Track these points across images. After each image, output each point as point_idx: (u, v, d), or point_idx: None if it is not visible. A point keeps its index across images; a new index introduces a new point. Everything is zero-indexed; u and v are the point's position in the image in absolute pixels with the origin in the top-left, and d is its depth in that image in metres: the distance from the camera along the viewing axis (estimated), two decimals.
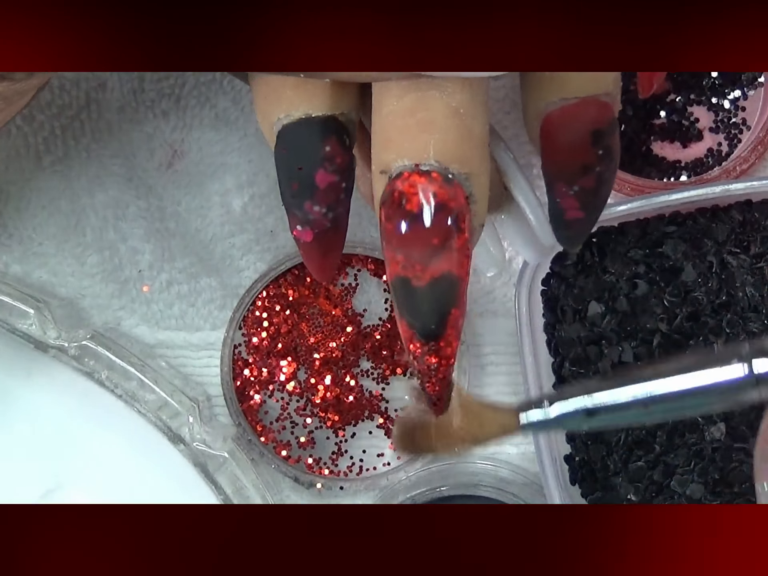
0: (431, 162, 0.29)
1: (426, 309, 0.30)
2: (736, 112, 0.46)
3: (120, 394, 0.43)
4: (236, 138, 0.46)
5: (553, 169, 0.33)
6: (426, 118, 0.29)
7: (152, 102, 0.45)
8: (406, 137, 0.30)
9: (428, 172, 0.29)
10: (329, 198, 0.33)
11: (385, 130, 0.30)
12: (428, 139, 0.29)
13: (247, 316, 0.46)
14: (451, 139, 0.30)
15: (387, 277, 0.31)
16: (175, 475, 0.43)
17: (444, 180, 0.29)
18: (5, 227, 0.46)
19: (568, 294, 0.43)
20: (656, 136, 0.46)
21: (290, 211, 0.33)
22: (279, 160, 0.33)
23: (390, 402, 0.46)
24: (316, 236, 0.33)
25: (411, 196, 0.29)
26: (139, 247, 0.45)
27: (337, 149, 0.32)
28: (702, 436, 0.42)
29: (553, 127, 0.32)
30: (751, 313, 0.42)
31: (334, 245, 0.35)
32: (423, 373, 0.32)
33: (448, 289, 0.30)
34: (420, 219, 0.29)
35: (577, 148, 0.32)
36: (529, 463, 0.46)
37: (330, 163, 0.32)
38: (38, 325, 0.42)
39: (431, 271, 0.30)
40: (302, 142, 0.32)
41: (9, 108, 0.34)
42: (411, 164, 0.29)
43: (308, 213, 0.33)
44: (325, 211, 0.33)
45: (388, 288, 0.45)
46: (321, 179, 0.32)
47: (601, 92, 0.32)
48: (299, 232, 0.34)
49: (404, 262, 0.30)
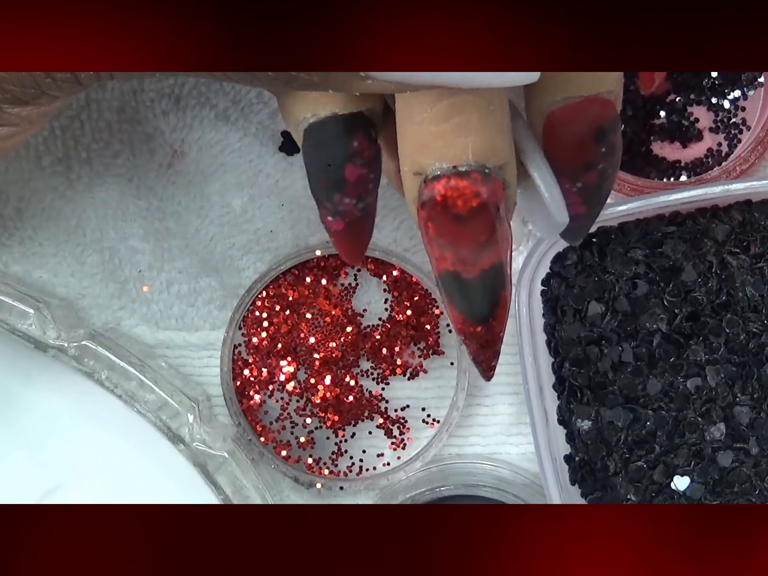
0: (470, 162, 0.30)
1: (478, 298, 0.31)
2: (736, 112, 0.46)
3: (120, 394, 0.43)
4: (236, 138, 0.46)
5: (557, 165, 0.33)
6: (462, 122, 0.29)
7: (152, 102, 0.45)
8: (443, 142, 0.30)
9: (467, 173, 0.29)
10: (359, 190, 0.33)
11: (419, 135, 0.30)
12: (466, 142, 0.30)
13: (246, 316, 0.46)
14: (487, 137, 0.30)
15: (433, 270, 0.31)
16: (175, 475, 0.43)
17: (483, 177, 0.30)
18: (5, 227, 0.46)
19: (568, 294, 0.43)
20: (656, 136, 0.46)
21: (321, 203, 0.34)
22: (307, 157, 0.33)
23: (389, 402, 0.46)
24: (347, 225, 0.34)
25: (455, 199, 0.29)
26: (139, 247, 0.45)
27: (364, 143, 0.32)
28: (702, 436, 0.42)
29: (556, 125, 0.32)
30: (751, 313, 0.42)
31: (365, 230, 0.35)
32: (475, 350, 0.33)
33: (496, 276, 0.31)
34: (466, 220, 0.30)
35: (581, 145, 0.32)
36: (529, 463, 0.46)
37: (358, 157, 0.32)
38: (38, 325, 0.42)
39: (481, 264, 0.30)
40: (330, 138, 0.32)
41: (32, 128, 0.35)
42: (449, 167, 0.30)
43: (338, 205, 0.33)
44: (356, 202, 0.33)
45: (387, 288, 0.46)
46: (350, 173, 0.33)
47: (604, 90, 0.32)
48: (330, 222, 0.34)
49: (453, 259, 0.30)
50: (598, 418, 0.43)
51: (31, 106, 0.32)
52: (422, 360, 0.46)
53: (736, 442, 0.42)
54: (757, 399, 0.42)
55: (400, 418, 0.46)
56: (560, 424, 0.43)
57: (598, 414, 0.43)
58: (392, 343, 0.45)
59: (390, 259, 0.45)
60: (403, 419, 0.46)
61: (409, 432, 0.46)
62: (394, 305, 0.46)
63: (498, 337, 0.32)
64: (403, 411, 0.46)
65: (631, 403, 0.42)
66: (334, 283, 0.46)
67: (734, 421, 0.42)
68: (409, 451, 0.46)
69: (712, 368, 0.42)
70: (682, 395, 0.42)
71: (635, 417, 0.42)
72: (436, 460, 0.46)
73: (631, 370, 0.42)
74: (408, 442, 0.46)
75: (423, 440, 0.46)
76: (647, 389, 0.42)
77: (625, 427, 0.42)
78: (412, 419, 0.46)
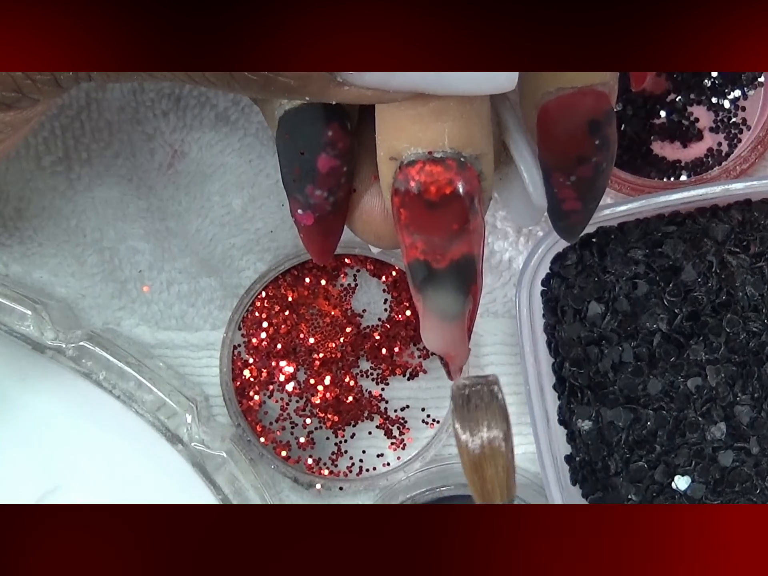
0: (445, 149, 0.29)
1: (447, 289, 0.31)
2: (736, 112, 0.46)
3: (118, 395, 0.43)
4: (236, 138, 0.46)
5: (550, 159, 0.33)
6: (439, 106, 0.29)
7: (152, 102, 0.45)
8: (420, 126, 0.29)
9: (443, 159, 0.29)
10: (331, 182, 0.33)
11: (396, 118, 0.30)
12: (442, 127, 0.29)
13: (246, 316, 0.46)
14: (464, 124, 0.30)
15: (403, 259, 0.31)
16: (174, 475, 0.43)
17: (458, 165, 0.29)
18: (5, 227, 0.46)
19: (568, 294, 0.43)
20: (656, 136, 0.46)
21: (291, 195, 0.34)
22: (281, 145, 0.33)
23: (389, 402, 0.46)
24: (317, 220, 0.34)
25: (428, 185, 0.29)
26: (139, 247, 0.45)
27: (339, 134, 0.32)
28: (702, 436, 0.42)
29: (549, 117, 0.32)
30: (751, 312, 0.42)
31: (335, 228, 0.35)
32: (440, 347, 0.32)
33: (467, 267, 0.31)
34: (439, 207, 0.29)
35: (574, 138, 0.32)
36: (530, 463, 0.46)
37: (332, 147, 0.32)
38: (35, 327, 0.42)
39: (451, 254, 0.30)
40: (304, 127, 0.32)
41: (15, 134, 0.35)
42: (424, 152, 0.29)
43: (309, 197, 0.33)
44: (327, 195, 0.33)
45: (387, 289, 0.46)
46: (323, 164, 0.32)
47: (597, 82, 0.32)
48: (300, 215, 0.34)
49: (424, 247, 0.30)
50: (599, 418, 0.43)
51: (14, 110, 0.32)
52: (422, 360, 0.46)
53: (737, 441, 0.42)
54: (757, 398, 0.42)
55: (400, 419, 0.46)
56: (561, 424, 0.43)
57: (599, 414, 0.43)
58: (392, 344, 0.45)
59: (389, 259, 0.45)
60: (402, 419, 0.46)
61: (409, 432, 0.46)
62: (394, 305, 0.46)
63: (466, 335, 0.32)
64: (403, 411, 0.46)
65: (632, 403, 0.42)
66: (333, 283, 0.46)
67: (735, 421, 0.42)
68: (409, 452, 0.46)
69: (713, 368, 0.42)
70: (683, 395, 0.42)
71: (636, 417, 0.42)
72: (436, 460, 0.46)
73: (631, 370, 0.42)
74: (408, 443, 0.46)
75: (423, 440, 0.46)
76: (648, 389, 0.42)
77: (626, 427, 0.42)
78: (411, 419, 0.46)
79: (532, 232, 0.46)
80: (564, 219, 0.35)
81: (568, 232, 0.36)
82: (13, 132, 0.34)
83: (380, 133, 0.31)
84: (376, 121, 0.31)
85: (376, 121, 0.31)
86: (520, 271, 0.43)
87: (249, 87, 0.29)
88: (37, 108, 0.33)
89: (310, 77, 0.28)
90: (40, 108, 0.33)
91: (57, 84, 0.31)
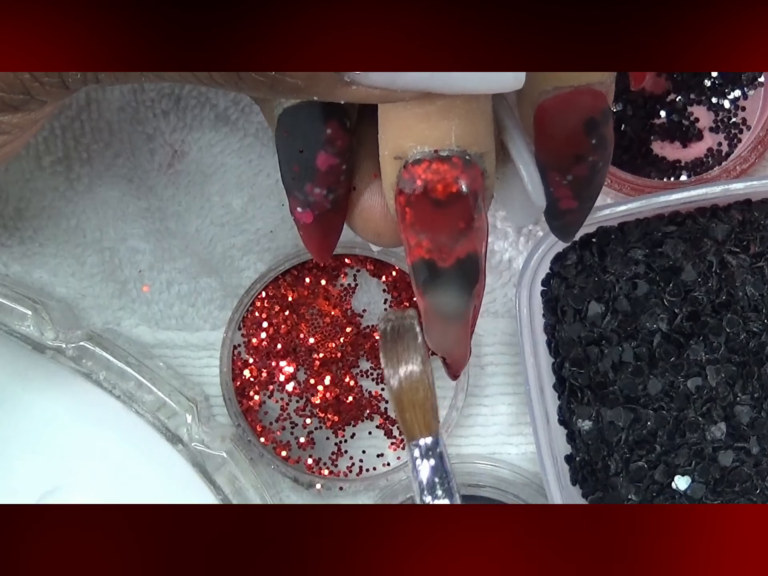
0: (452, 147, 0.29)
1: (452, 289, 0.31)
2: (736, 112, 0.46)
3: (118, 395, 0.43)
4: (236, 138, 0.46)
5: (547, 157, 0.33)
6: (446, 105, 0.29)
7: (152, 102, 0.45)
8: (427, 124, 0.29)
9: (449, 158, 0.29)
10: (330, 180, 0.33)
11: (402, 117, 0.30)
12: (449, 125, 0.29)
13: (246, 316, 0.46)
14: (470, 122, 0.30)
15: (407, 260, 0.31)
16: (174, 475, 0.43)
17: (464, 163, 0.29)
18: (5, 227, 0.46)
19: (568, 294, 0.43)
20: (656, 136, 0.46)
21: (291, 193, 0.34)
22: (280, 143, 0.33)
23: (389, 402, 0.46)
24: (316, 218, 0.34)
25: (435, 183, 0.29)
26: (139, 247, 0.45)
27: (338, 132, 0.32)
28: (702, 436, 0.42)
29: (546, 116, 0.32)
30: (751, 312, 0.42)
31: (334, 226, 0.35)
32: (443, 347, 0.32)
33: (471, 267, 0.31)
34: (445, 205, 0.29)
35: (571, 136, 0.32)
36: (530, 463, 0.46)
37: (331, 145, 0.32)
38: (36, 327, 0.42)
39: (457, 253, 0.30)
40: (303, 125, 0.32)
41: (23, 135, 0.35)
42: (431, 151, 0.29)
43: (309, 195, 0.33)
44: (326, 192, 0.33)
45: (387, 289, 0.46)
46: (322, 162, 0.32)
47: (594, 81, 0.32)
48: (300, 213, 0.34)
49: (429, 246, 0.30)
50: (599, 418, 0.43)
51: (21, 112, 0.32)
52: None
53: (737, 441, 0.42)
54: (757, 398, 0.42)
55: None
56: (561, 424, 0.43)
57: (599, 414, 0.43)
58: None
59: (389, 259, 0.45)
60: None
61: None
62: (394, 305, 0.46)
63: (469, 335, 0.32)
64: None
65: (632, 403, 0.42)
66: (333, 283, 0.46)
67: (735, 421, 0.42)
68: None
69: (713, 368, 0.42)
70: (683, 395, 0.42)
71: (636, 417, 0.42)
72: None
73: (631, 370, 0.42)
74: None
75: None
76: (648, 389, 0.42)
77: (626, 427, 0.42)
78: None
79: (532, 232, 0.46)
80: (560, 218, 0.35)
81: (563, 231, 0.37)
82: (21, 133, 0.34)
83: (384, 132, 0.31)
84: (379, 120, 0.31)
85: (379, 120, 0.31)
86: (520, 271, 0.43)
87: (256, 87, 0.29)
88: (45, 110, 0.33)
89: (317, 77, 0.28)
90: (47, 109, 0.33)
91: (64, 86, 0.31)
